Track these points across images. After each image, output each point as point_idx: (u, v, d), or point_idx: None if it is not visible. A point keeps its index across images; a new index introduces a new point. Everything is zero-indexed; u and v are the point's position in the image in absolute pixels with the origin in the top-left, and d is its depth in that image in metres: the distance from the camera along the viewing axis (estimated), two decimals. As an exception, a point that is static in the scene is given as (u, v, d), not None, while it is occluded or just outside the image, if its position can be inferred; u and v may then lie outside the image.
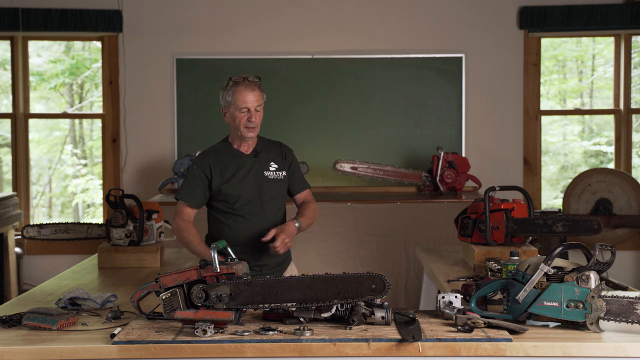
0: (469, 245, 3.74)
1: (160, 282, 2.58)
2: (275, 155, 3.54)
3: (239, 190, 3.44)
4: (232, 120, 3.44)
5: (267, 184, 3.49)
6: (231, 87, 3.42)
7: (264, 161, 3.50)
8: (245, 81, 3.43)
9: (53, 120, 7.61)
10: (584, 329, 2.48)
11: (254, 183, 3.46)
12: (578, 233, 3.60)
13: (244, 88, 3.41)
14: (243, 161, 3.47)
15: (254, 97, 3.41)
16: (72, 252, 5.91)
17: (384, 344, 2.37)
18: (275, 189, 3.52)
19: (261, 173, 3.48)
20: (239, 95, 3.40)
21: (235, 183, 3.44)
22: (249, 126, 3.41)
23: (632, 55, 6.47)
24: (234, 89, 3.41)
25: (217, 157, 3.48)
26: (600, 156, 7.50)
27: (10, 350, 2.36)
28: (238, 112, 3.40)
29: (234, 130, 3.48)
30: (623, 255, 6.12)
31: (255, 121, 3.42)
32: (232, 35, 6.31)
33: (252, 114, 3.40)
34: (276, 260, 3.53)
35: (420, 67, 6.27)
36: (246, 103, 3.39)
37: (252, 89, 3.42)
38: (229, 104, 3.43)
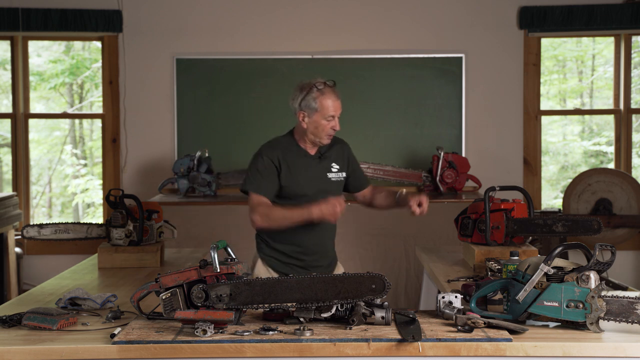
0: (469, 245, 3.74)
1: (160, 282, 2.58)
2: (336, 156, 3.52)
3: (304, 190, 3.41)
4: (314, 127, 3.39)
5: (329, 186, 3.47)
6: (317, 94, 3.37)
7: (327, 162, 3.48)
8: (327, 87, 3.38)
9: (53, 120, 7.61)
10: (584, 329, 2.48)
11: (317, 184, 3.44)
12: (578, 233, 3.60)
13: (330, 95, 3.36)
14: (309, 161, 3.44)
15: (339, 104, 3.38)
16: (72, 252, 5.91)
17: (384, 344, 2.37)
18: (336, 191, 3.50)
19: (324, 174, 3.46)
20: (326, 102, 3.35)
21: (301, 182, 3.41)
22: (331, 134, 3.39)
23: (632, 55, 6.47)
24: (320, 96, 3.36)
25: (284, 152, 3.43)
26: (600, 156, 7.50)
27: (10, 350, 2.36)
28: (323, 120, 3.36)
29: (310, 135, 3.43)
30: (623, 255, 6.12)
31: (337, 127, 3.40)
32: (232, 35, 6.31)
33: (336, 122, 3.38)
34: (328, 260, 3.54)
35: (420, 67, 6.27)
36: (333, 111, 3.36)
37: (337, 97, 3.38)
38: (313, 110, 3.37)
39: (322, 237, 3.49)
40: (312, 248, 3.47)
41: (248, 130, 6.27)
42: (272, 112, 6.28)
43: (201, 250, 4.45)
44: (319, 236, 3.47)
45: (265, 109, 6.28)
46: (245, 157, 6.15)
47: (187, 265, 3.80)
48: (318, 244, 3.49)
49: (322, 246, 3.51)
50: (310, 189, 3.42)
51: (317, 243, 3.48)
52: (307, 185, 3.42)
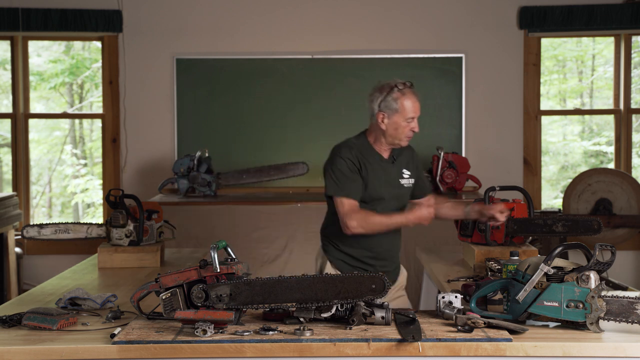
0: (469, 245, 3.74)
1: (160, 282, 2.58)
2: (407, 161, 3.46)
3: (381, 193, 3.34)
4: (393, 128, 3.30)
5: (401, 191, 3.42)
6: (397, 95, 3.28)
7: (399, 168, 3.42)
8: (408, 88, 3.30)
9: (53, 120, 7.61)
10: (584, 329, 2.48)
11: (392, 189, 3.38)
12: (578, 233, 3.61)
13: (410, 96, 3.29)
14: (384, 165, 3.37)
15: (419, 105, 3.31)
16: (72, 252, 5.90)
17: (384, 344, 2.37)
18: (407, 196, 3.46)
19: (397, 180, 3.40)
20: (407, 103, 3.27)
21: (379, 186, 3.34)
22: (410, 135, 3.32)
23: (632, 55, 6.47)
24: (401, 97, 3.28)
25: (362, 154, 3.36)
26: (600, 156, 7.50)
27: (10, 350, 2.36)
28: (403, 121, 3.28)
29: (388, 137, 3.34)
30: (623, 255, 6.12)
31: (416, 129, 3.32)
32: (232, 35, 6.31)
33: (415, 123, 3.31)
34: (394, 265, 3.49)
35: (420, 67, 6.27)
36: (413, 112, 3.28)
37: (417, 98, 3.31)
38: (393, 111, 3.28)
39: (391, 243, 3.41)
40: (383, 254, 3.40)
41: (248, 130, 6.27)
42: (272, 112, 6.29)
43: (201, 250, 4.45)
44: (389, 242, 3.39)
45: (265, 109, 6.28)
46: (245, 157, 6.25)
47: (187, 265, 3.79)
48: (388, 250, 3.42)
49: (391, 252, 3.44)
50: (386, 193, 3.36)
51: (387, 249, 3.41)
52: (383, 189, 3.35)
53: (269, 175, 5.99)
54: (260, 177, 5.95)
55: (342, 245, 3.42)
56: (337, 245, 3.43)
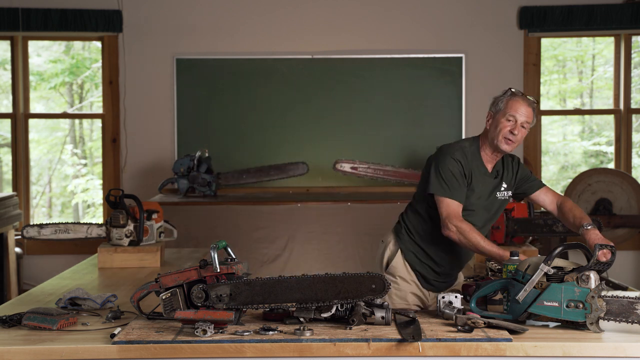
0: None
1: (160, 282, 2.58)
2: (508, 175, 3.36)
3: (472, 206, 3.26)
4: (494, 127, 3.23)
5: (495, 204, 3.33)
6: (508, 96, 3.24)
7: (499, 182, 3.34)
8: (524, 96, 3.25)
9: (53, 120, 7.61)
10: (584, 329, 2.48)
11: (486, 202, 3.30)
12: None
13: (520, 99, 3.22)
14: (486, 179, 3.29)
15: (526, 112, 3.21)
16: (72, 252, 5.90)
17: (384, 344, 2.37)
18: (500, 210, 3.37)
19: (494, 194, 3.32)
20: (512, 103, 3.21)
21: (473, 198, 3.26)
22: (508, 137, 3.20)
23: (632, 55, 6.47)
24: (510, 97, 3.23)
25: (469, 162, 3.27)
26: (600, 156, 7.50)
27: (10, 350, 2.36)
28: (504, 119, 3.20)
29: (490, 138, 3.27)
30: (623, 255, 6.12)
31: (517, 135, 3.21)
32: (233, 35, 6.31)
33: (517, 126, 3.20)
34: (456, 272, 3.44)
35: (420, 67, 6.27)
36: (516, 112, 3.20)
37: (528, 104, 3.22)
38: (498, 111, 3.23)
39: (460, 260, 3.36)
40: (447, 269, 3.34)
41: (248, 130, 6.27)
42: (272, 112, 6.29)
43: (201, 250, 4.45)
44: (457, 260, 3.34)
45: (265, 109, 6.28)
46: (245, 157, 6.25)
47: (187, 265, 3.80)
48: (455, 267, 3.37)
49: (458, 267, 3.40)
50: (476, 206, 3.28)
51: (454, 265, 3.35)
52: (475, 202, 3.28)
53: (269, 175, 5.99)
54: (260, 177, 5.95)
55: (419, 239, 3.32)
56: (414, 236, 3.33)
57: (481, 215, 3.29)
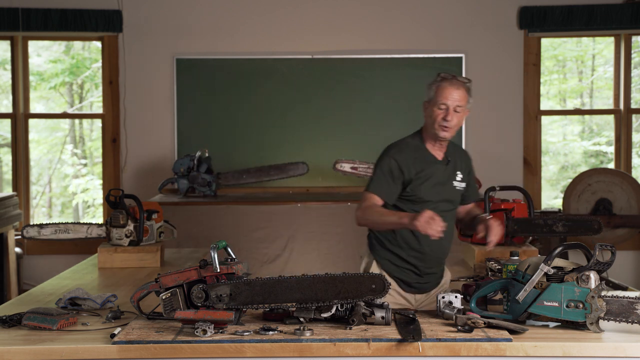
0: (469, 245, 3.75)
1: (160, 282, 2.58)
2: (461, 164, 3.38)
3: (430, 196, 3.26)
4: (429, 117, 3.25)
5: (453, 193, 3.34)
6: (434, 82, 3.25)
7: (452, 170, 3.34)
8: (453, 79, 3.24)
9: (53, 120, 7.61)
10: (584, 329, 2.48)
11: (443, 191, 3.30)
12: (578, 233, 3.61)
13: (448, 85, 3.22)
14: (438, 167, 3.29)
15: (457, 96, 3.22)
16: (72, 252, 5.90)
17: (384, 344, 2.37)
18: (457, 199, 3.38)
19: (450, 182, 3.32)
20: (441, 90, 3.21)
21: (428, 188, 3.26)
22: (444, 125, 3.21)
23: (632, 55, 6.47)
24: (438, 84, 3.23)
25: (413, 155, 3.28)
26: (600, 156, 7.50)
27: (10, 350, 2.36)
28: (436, 107, 3.21)
29: (429, 128, 3.29)
30: (623, 255, 6.12)
31: (451, 121, 3.21)
32: (232, 35, 6.31)
33: (450, 112, 3.21)
34: (441, 267, 3.41)
35: (420, 67, 6.26)
36: (446, 100, 3.20)
37: (457, 87, 3.22)
38: (430, 99, 3.24)
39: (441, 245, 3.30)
40: (430, 255, 3.29)
41: (248, 130, 6.27)
42: (272, 112, 6.29)
43: (201, 250, 4.45)
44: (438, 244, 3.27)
45: (265, 109, 6.28)
46: (245, 157, 6.25)
47: (187, 265, 3.80)
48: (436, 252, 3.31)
49: (439, 254, 3.34)
50: (435, 196, 3.28)
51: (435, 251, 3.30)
52: (432, 192, 3.27)
53: (269, 175, 5.99)
54: (260, 177, 5.95)
55: (390, 245, 3.31)
56: (384, 244, 3.32)
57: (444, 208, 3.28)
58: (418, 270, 3.28)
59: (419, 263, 3.26)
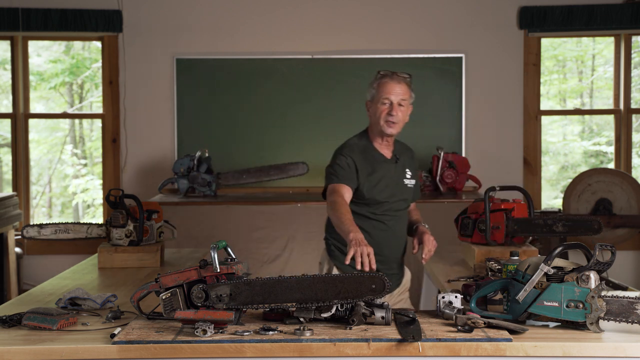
0: (469, 245, 3.74)
1: (160, 282, 2.58)
2: (409, 162, 3.41)
3: (384, 196, 3.29)
4: (374, 114, 3.27)
5: (405, 192, 3.36)
6: (375, 80, 3.28)
7: (401, 167, 3.37)
8: (393, 75, 3.27)
9: (53, 120, 7.61)
10: (584, 329, 2.48)
11: (395, 190, 3.32)
12: (578, 233, 3.61)
13: (389, 80, 3.25)
14: (387, 166, 3.32)
15: (400, 90, 3.24)
16: (72, 252, 5.91)
17: (384, 344, 2.37)
18: (409, 197, 3.40)
19: (401, 180, 3.35)
20: (383, 86, 3.24)
21: (381, 188, 3.29)
22: (389, 120, 3.24)
23: (632, 55, 6.47)
24: (379, 81, 3.26)
25: (363, 156, 3.30)
26: (600, 156, 7.50)
27: (10, 350, 2.36)
28: (379, 104, 3.24)
29: (374, 126, 3.31)
30: (623, 255, 6.12)
31: (397, 116, 3.23)
32: (232, 35, 6.31)
33: (394, 107, 3.24)
34: (399, 265, 3.44)
35: (420, 67, 6.26)
36: (389, 94, 3.23)
37: (398, 82, 3.25)
38: (373, 97, 3.27)
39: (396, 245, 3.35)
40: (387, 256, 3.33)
41: (248, 130, 6.27)
42: (272, 112, 6.29)
43: (201, 250, 4.45)
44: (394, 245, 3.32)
45: (265, 109, 6.28)
46: (245, 157, 6.25)
47: (187, 265, 3.79)
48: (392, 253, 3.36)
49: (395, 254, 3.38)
50: (390, 197, 3.31)
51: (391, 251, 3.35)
52: (386, 192, 3.30)
53: (269, 175, 5.99)
54: (260, 177, 5.95)
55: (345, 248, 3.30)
56: (343, 250, 3.34)
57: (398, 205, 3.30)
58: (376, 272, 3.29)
59: (379, 266, 3.24)
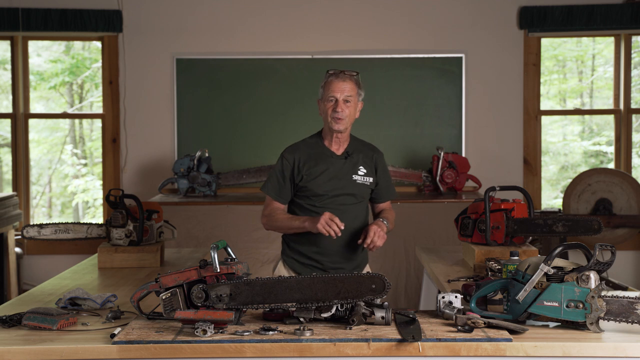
0: (469, 245, 3.74)
1: (160, 282, 2.58)
2: (365, 159, 3.45)
3: (324, 189, 3.37)
4: (323, 113, 3.39)
5: (354, 188, 3.41)
6: (325, 79, 3.37)
7: (353, 164, 3.42)
8: (340, 73, 3.36)
9: (53, 120, 7.61)
10: (584, 329, 2.48)
11: (341, 184, 3.38)
12: (578, 233, 3.60)
13: (335, 79, 3.34)
14: (333, 161, 3.40)
15: (345, 87, 3.32)
16: (72, 252, 5.91)
17: (384, 344, 2.37)
18: (361, 194, 3.44)
19: (350, 176, 3.40)
20: (329, 85, 3.34)
21: (322, 181, 3.37)
22: (335, 116, 3.32)
23: (632, 55, 6.47)
24: (326, 80, 3.36)
25: (307, 152, 3.41)
26: (600, 156, 7.50)
27: (10, 350, 2.36)
28: (326, 102, 3.35)
29: (325, 123, 3.42)
30: (623, 255, 6.12)
31: (342, 112, 3.31)
32: (232, 35, 6.31)
33: (340, 104, 3.31)
34: (354, 263, 3.46)
35: (420, 67, 6.27)
36: (334, 92, 3.32)
37: (343, 80, 3.34)
38: (322, 96, 3.38)
39: (341, 239, 3.36)
40: (330, 249, 3.38)
41: (248, 130, 6.27)
42: (272, 112, 6.29)
43: (201, 250, 4.45)
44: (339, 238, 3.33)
45: (265, 109, 6.28)
46: (245, 157, 6.25)
47: (187, 265, 3.80)
48: (337, 246, 3.39)
49: (342, 249, 3.41)
50: (331, 190, 3.37)
51: (335, 245, 3.38)
52: (328, 185, 3.37)
53: (269, 175, 5.98)
54: (260, 177, 5.95)
55: (293, 243, 3.47)
56: (289, 243, 3.48)
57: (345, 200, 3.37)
58: (321, 264, 3.41)
59: (321, 258, 3.40)
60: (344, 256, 3.43)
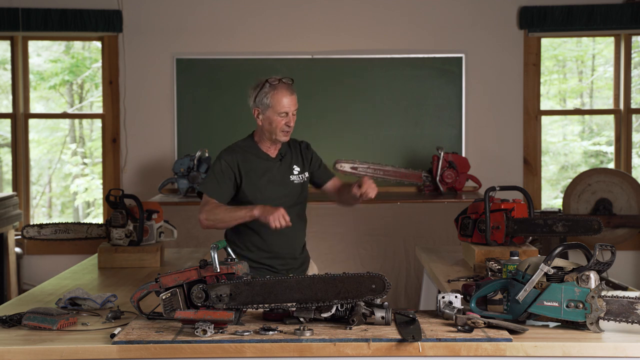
0: (469, 245, 3.74)
1: (160, 282, 2.58)
2: (296, 157, 3.51)
3: (266, 194, 3.39)
4: (268, 124, 3.37)
5: (293, 189, 3.45)
6: (269, 90, 3.36)
7: (288, 165, 3.47)
8: (282, 84, 3.37)
9: (53, 120, 7.61)
10: (584, 329, 2.48)
11: (280, 188, 3.43)
12: (578, 233, 3.60)
13: (283, 91, 3.35)
14: (270, 165, 3.43)
15: (293, 102, 3.37)
16: (72, 252, 5.90)
17: (384, 344, 2.37)
18: (300, 194, 3.49)
19: (287, 178, 3.45)
20: (278, 99, 3.34)
21: (262, 187, 3.40)
22: (286, 130, 3.37)
23: (632, 55, 6.47)
24: (272, 92, 3.35)
25: (244, 156, 3.43)
26: (600, 156, 7.50)
27: (10, 350, 2.36)
28: (276, 116, 3.35)
29: (266, 133, 3.41)
30: (623, 255, 6.12)
31: (292, 126, 3.38)
32: (232, 35, 6.31)
33: (290, 118, 3.37)
34: (299, 261, 3.52)
35: (420, 67, 6.27)
36: (286, 108, 3.34)
37: (290, 93, 3.37)
38: (266, 107, 3.36)
39: (289, 241, 3.45)
40: (281, 253, 3.45)
41: (248, 131, 6.18)
42: (272, 112, 6.28)
43: (201, 250, 4.45)
44: (286, 240, 3.42)
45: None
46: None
47: (187, 265, 3.80)
48: (286, 248, 3.46)
49: (291, 250, 3.48)
50: (273, 193, 3.41)
51: (285, 247, 3.45)
52: (268, 189, 3.41)
53: (269, 175, 5.98)
54: (260, 177, 5.94)
55: (241, 250, 3.46)
56: (236, 250, 3.43)
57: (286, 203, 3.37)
58: (274, 268, 3.44)
59: (272, 261, 3.44)
60: (294, 257, 3.50)
